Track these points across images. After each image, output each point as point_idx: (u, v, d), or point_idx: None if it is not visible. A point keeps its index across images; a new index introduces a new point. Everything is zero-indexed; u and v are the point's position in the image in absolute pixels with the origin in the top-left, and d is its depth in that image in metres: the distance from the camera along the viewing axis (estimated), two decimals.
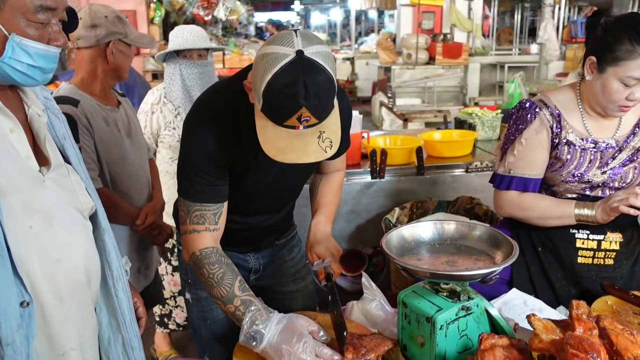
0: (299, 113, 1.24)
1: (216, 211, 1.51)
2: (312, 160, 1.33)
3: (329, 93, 1.27)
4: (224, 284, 1.44)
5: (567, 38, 9.51)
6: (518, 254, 1.27)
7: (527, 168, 1.74)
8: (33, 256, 1.09)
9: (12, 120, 1.11)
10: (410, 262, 1.32)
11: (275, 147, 1.31)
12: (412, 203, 2.77)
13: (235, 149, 1.45)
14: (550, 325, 1.16)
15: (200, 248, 1.49)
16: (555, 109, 1.70)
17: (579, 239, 1.76)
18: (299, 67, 1.22)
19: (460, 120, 3.55)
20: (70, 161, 1.24)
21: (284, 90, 1.22)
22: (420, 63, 8.35)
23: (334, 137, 1.34)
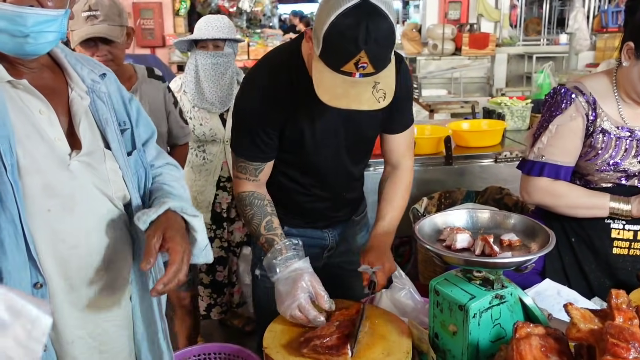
0: (358, 57, 1.26)
1: (257, 167, 1.62)
2: (364, 108, 1.35)
3: (388, 41, 1.29)
4: (253, 223, 1.61)
5: (598, 28, 9.27)
6: (554, 243, 1.24)
7: (559, 155, 1.70)
8: (48, 239, 1.08)
9: (42, 102, 1.10)
10: (445, 249, 1.30)
11: (329, 92, 1.33)
12: (440, 193, 2.74)
13: (288, 110, 1.48)
14: (589, 315, 1.13)
15: (239, 191, 1.65)
16: (591, 96, 1.66)
17: (614, 229, 1.72)
18: (363, 11, 1.24)
19: (488, 110, 3.50)
20: (111, 147, 1.21)
21: (345, 31, 1.24)
22: (446, 54, 8.26)
23: (388, 90, 1.35)
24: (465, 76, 7.94)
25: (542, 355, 1.10)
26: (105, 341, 1.23)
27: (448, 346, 1.31)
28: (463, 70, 7.91)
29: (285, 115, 1.53)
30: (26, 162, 1.05)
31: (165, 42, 7.27)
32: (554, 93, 1.74)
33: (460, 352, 1.28)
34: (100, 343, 1.23)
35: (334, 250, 1.87)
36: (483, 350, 1.27)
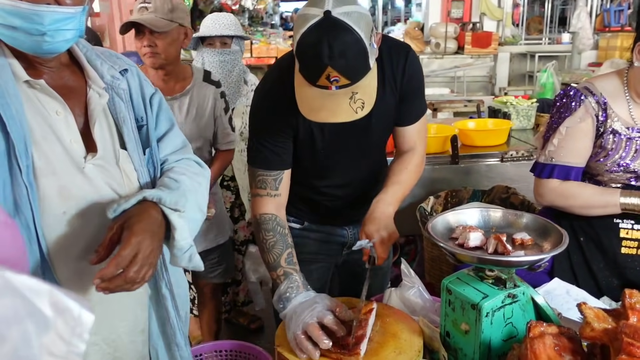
0: (327, 73, 1.27)
1: (276, 177, 1.58)
2: (341, 121, 1.35)
3: (357, 53, 1.28)
4: (273, 252, 1.53)
5: (600, 27, 9.28)
6: (568, 242, 1.25)
7: (569, 156, 1.71)
8: (63, 242, 1.07)
9: (59, 103, 1.08)
10: (458, 247, 1.30)
11: (308, 106, 1.35)
12: (446, 192, 2.75)
13: (298, 114, 1.45)
14: (602, 314, 1.13)
15: (260, 212, 1.58)
16: (602, 97, 1.66)
17: (622, 229, 1.72)
18: (324, 27, 1.25)
19: (494, 109, 3.50)
20: (127, 146, 1.19)
21: (309, 49, 1.27)
22: (449, 52, 8.26)
23: (367, 99, 1.35)
24: (468, 75, 7.95)
25: (556, 355, 1.10)
26: (119, 347, 1.21)
27: (460, 345, 1.32)
28: (466, 69, 7.92)
29: (296, 120, 1.53)
30: (41, 164, 1.04)
31: None
32: (563, 94, 1.74)
33: (472, 351, 1.28)
34: (115, 349, 1.21)
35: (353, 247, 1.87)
36: (495, 349, 1.27)
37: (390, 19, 15.12)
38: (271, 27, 11.11)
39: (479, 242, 1.31)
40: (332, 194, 1.72)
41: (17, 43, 1.01)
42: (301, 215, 1.78)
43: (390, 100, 1.59)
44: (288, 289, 1.45)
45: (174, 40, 2.18)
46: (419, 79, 1.64)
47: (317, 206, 1.75)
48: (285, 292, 1.45)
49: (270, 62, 7.92)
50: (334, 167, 1.67)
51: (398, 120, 1.67)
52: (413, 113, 1.67)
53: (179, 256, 1.15)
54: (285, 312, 1.42)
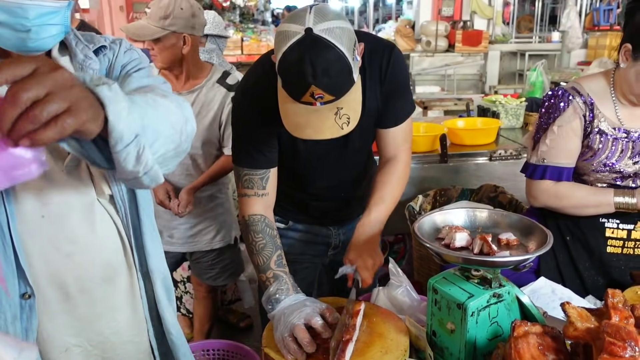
0: (310, 91, 1.25)
1: (263, 175, 1.56)
2: (327, 137, 1.35)
3: (341, 70, 1.26)
4: (263, 254, 1.52)
5: (590, 26, 9.32)
6: (552, 242, 1.26)
7: (560, 157, 1.72)
8: (42, 247, 1.04)
9: None
10: (444, 247, 1.31)
11: (293, 122, 1.34)
12: (435, 191, 2.76)
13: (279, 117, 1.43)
14: (585, 314, 1.15)
15: (249, 214, 1.56)
16: (588, 97, 1.68)
17: (608, 228, 1.74)
18: (306, 46, 1.23)
19: (483, 108, 3.51)
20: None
21: (292, 68, 1.25)
22: (440, 50, 8.27)
23: (353, 114, 1.34)
24: (458, 73, 7.96)
25: (539, 354, 1.11)
26: (108, 349, 1.19)
27: (446, 344, 1.33)
28: (456, 67, 7.94)
29: (279, 122, 1.49)
30: None
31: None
32: (552, 94, 1.75)
33: (457, 350, 1.29)
34: (103, 351, 1.19)
35: (339, 249, 1.86)
36: (480, 348, 1.28)
37: (382, 17, 15.12)
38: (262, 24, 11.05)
39: (464, 243, 1.31)
40: (316, 194, 1.72)
41: (1, 41, 0.95)
42: (286, 215, 1.77)
43: (373, 103, 1.56)
44: (278, 290, 1.45)
45: (168, 47, 2.21)
46: (403, 79, 1.60)
47: (302, 205, 1.75)
48: (275, 294, 1.44)
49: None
50: (318, 169, 1.66)
51: (380, 122, 1.62)
52: (395, 115, 1.62)
53: (120, 152, 0.84)
54: (273, 313, 1.41)
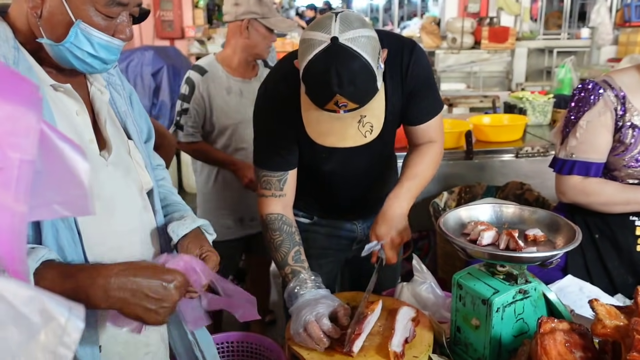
0: (335, 99, 1.26)
1: (281, 177, 1.57)
2: (350, 145, 1.36)
3: (366, 79, 1.27)
4: (281, 251, 1.54)
5: (620, 22, 9.10)
6: (581, 238, 1.24)
7: (589, 152, 1.69)
8: (97, 243, 1.09)
9: (78, 103, 1.10)
10: (469, 243, 1.30)
11: (316, 130, 1.36)
12: (460, 188, 2.74)
13: (299, 121, 1.43)
14: (614, 311, 1.13)
15: (267, 213, 1.58)
16: (620, 91, 1.64)
17: (639, 227, 1.70)
18: (332, 55, 1.23)
19: (510, 105, 3.47)
20: (132, 138, 1.23)
21: (318, 77, 1.26)
22: (466, 47, 8.17)
23: (376, 122, 1.35)
24: (485, 70, 7.86)
25: (566, 351, 1.10)
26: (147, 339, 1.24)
27: (470, 340, 1.32)
28: (482, 64, 7.83)
29: (299, 124, 1.48)
30: None
31: (184, 34, 7.30)
32: (582, 88, 1.72)
33: (482, 346, 1.28)
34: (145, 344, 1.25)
35: (363, 243, 1.85)
36: (505, 345, 1.27)
37: (407, 14, 15.03)
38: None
39: (491, 240, 1.30)
40: (340, 191, 1.72)
41: (84, 67, 1.07)
42: (310, 210, 1.78)
43: (397, 102, 1.55)
44: (296, 286, 1.47)
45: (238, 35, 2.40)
46: (427, 76, 1.57)
47: (326, 201, 1.75)
48: (294, 289, 1.47)
49: None
50: (339, 169, 1.66)
51: (407, 119, 1.61)
52: (423, 112, 1.60)
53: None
54: (292, 309, 1.45)
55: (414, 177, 1.59)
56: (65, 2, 1.00)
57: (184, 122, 2.40)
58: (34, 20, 1.02)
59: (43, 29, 1.02)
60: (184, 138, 2.40)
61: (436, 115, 1.62)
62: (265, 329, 3.00)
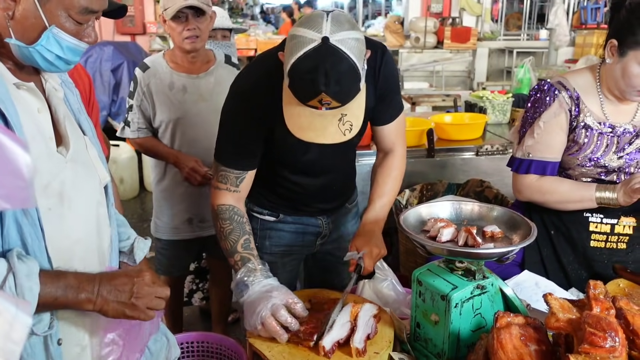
0: (320, 97, 1.28)
1: (239, 176, 1.59)
2: (329, 142, 1.38)
3: (351, 80, 1.30)
4: (230, 239, 1.56)
5: (577, 24, 9.37)
6: (536, 235, 1.27)
7: (545, 151, 1.73)
8: (58, 238, 1.09)
9: (39, 100, 1.10)
10: (429, 239, 1.32)
11: (297, 124, 1.37)
12: (422, 185, 2.77)
13: (274, 115, 1.45)
14: (567, 305, 1.16)
15: (218, 204, 1.60)
16: (574, 92, 1.69)
17: (592, 223, 1.75)
18: (322, 55, 1.26)
19: (470, 104, 3.53)
20: (87, 134, 1.23)
21: (305, 75, 1.27)
22: (429, 47, 8.27)
23: (355, 121, 1.38)
24: (447, 69, 7.96)
25: (521, 344, 1.12)
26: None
27: (429, 335, 1.33)
28: (445, 64, 7.94)
29: (273, 122, 1.51)
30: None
31: (145, 30, 7.17)
32: (538, 89, 1.75)
33: (441, 341, 1.30)
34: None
35: (327, 238, 1.88)
36: (464, 340, 1.29)
37: (371, 13, 15.10)
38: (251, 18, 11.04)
39: (450, 237, 1.32)
40: (306, 185, 1.73)
41: (48, 67, 1.09)
42: (276, 208, 1.78)
43: (368, 102, 1.55)
44: (245, 275, 1.47)
45: (209, 24, 2.33)
46: (395, 78, 1.66)
47: (291, 197, 1.76)
48: (243, 278, 1.47)
49: (250, 54, 7.86)
50: (309, 164, 1.67)
51: (376, 120, 1.69)
52: (390, 112, 1.69)
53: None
54: (242, 300, 1.44)
55: (385, 195, 1.72)
56: (40, 7, 1.02)
57: (131, 118, 2.39)
58: (3, 21, 1.02)
59: (13, 30, 1.03)
60: (131, 134, 2.39)
61: (399, 115, 1.71)
62: (228, 328, 2.98)
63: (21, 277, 0.96)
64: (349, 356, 1.29)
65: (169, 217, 2.48)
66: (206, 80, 2.39)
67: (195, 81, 2.38)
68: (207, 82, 2.38)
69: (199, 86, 2.38)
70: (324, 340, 1.29)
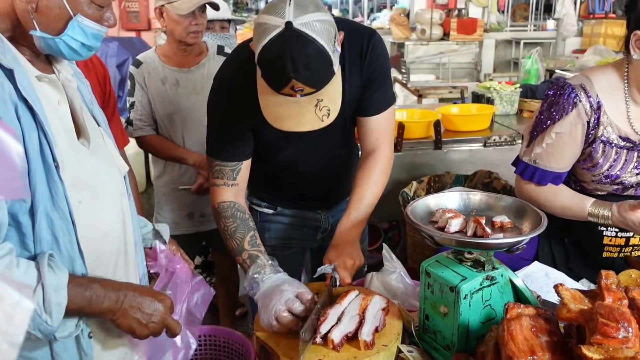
0: (291, 84, 1.25)
1: (234, 167, 1.56)
2: (307, 129, 1.35)
3: (321, 64, 1.26)
4: (235, 237, 1.52)
5: (585, 14, 9.32)
6: (546, 224, 1.25)
7: (553, 162, 1.63)
8: (88, 231, 1.09)
9: (59, 92, 1.10)
10: (437, 230, 1.30)
11: (273, 114, 1.34)
12: (429, 177, 2.75)
13: (258, 107, 1.42)
14: (578, 295, 1.14)
15: (218, 201, 1.57)
16: (597, 98, 1.56)
17: (606, 237, 1.68)
18: (286, 40, 1.22)
19: (477, 95, 3.50)
20: (101, 125, 1.23)
21: (273, 63, 1.24)
22: (434, 39, 8.23)
23: (332, 105, 1.34)
24: (453, 61, 7.92)
25: (532, 335, 1.10)
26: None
27: (438, 327, 1.32)
28: (451, 56, 7.90)
29: (257, 111, 1.45)
30: (60, 157, 1.04)
31: (150, 25, 7.16)
32: (557, 89, 1.62)
33: (450, 333, 1.28)
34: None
35: (327, 232, 1.85)
36: (473, 331, 1.28)
37: (376, 5, 15.03)
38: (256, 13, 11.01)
39: (459, 228, 1.30)
40: (302, 180, 1.71)
41: (72, 55, 1.09)
42: (274, 201, 1.77)
43: (354, 91, 1.54)
44: (256, 272, 1.44)
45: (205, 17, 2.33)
46: (383, 65, 1.57)
47: (288, 189, 1.74)
48: (254, 276, 1.43)
49: None
50: (301, 157, 1.65)
51: (361, 109, 1.60)
52: (376, 102, 1.58)
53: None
54: (256, 298, 1.41)
55: (361, 200, 1.60)
56: None
57: (133, 116, 2.37)
58: (26, 14, 1.01)
59: (37, 22, 1.02)
60: (134, 133, 2.37)
61: (388, 108, 1.61)
62: (235, 322, 2.98)
63: (50, 291, 0.96)
64: (357, 349, 1.28)
65: (170, 212, 2.48)
66: (198, 73, 2.38)
67: (188, 75, 2.37)
68: (200, 75, 2.37)
69: (192, 79, 2.36)
70: (333, 333, 1.28)
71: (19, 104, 0.96)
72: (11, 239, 0.98)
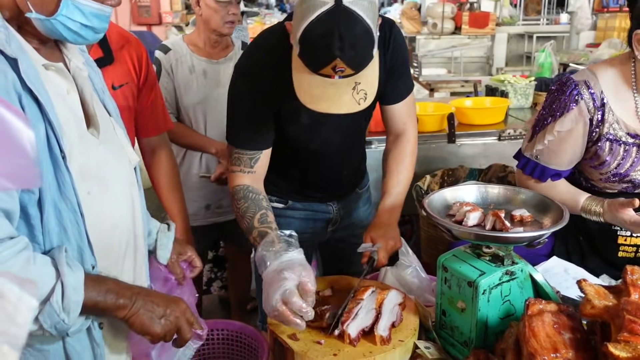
0: (334, 64, 1.22)
1: (253, 156, 1.56)
2: (344, 112, 1.32)
3: (366, 44, 1.24)
4: (246, 217, 1.51)
5: (599, 7, 9.17)
6: (568, 218, 1.21)
7: (554, 159, 1.61)
8: (94, 221, 1.08)
9: (68, 81, 1.08)
10: (455, 224, 1.27)
11: (308, 94, 1.31)
12: (443, 171, 2.72)
13: (281, 90, 1.41)
14: (603, 291, 1.11)
15: (234, 185, 1.57)
16: (601, 95, 1.52)
17: (621, 236, 1.65)
18: (335, 17, 1.19)
19: (491, 88, 3.45)
20: (112, 114, 1.21)
21: (319, 40, 1.21)
22: (446, 33, 8.17)
23: (370, 89, 1.32)
24: (465, 55, 7.86)
25: (554, 332, 1.07)
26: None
27: (456, 323, 1.29)
28: (463, 50, 7.83)
29: (280, 100, 1.47)
30: (69, 147, 1.03)
31: (161, 20, 7.16)
32: (560, 85, 1.59)
33: (468, 329, 1.26)
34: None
35: (338, 224, 1.84)
36: (492, 327, 1.25)
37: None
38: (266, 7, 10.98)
39: (477, 221, 1.27)
40: (315, 167, 1.70)
41: (75, 38, 1.05)
42: (284, 195, 1.75)
43: (380, 76, 1.51)
44: (264, 249, 1.38)
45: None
46: (404, 54, 1.60)
47: (299, 182, 1.73)
48: (262, 253, 1.37)
49: None
50: (319, 142, 1.63)
51: (385, 98, 1.63)
52: (400, 90, 1.63)
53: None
54: (264, 275, 1.36)
55: (400, 183, 1.65)
56: None
57: None
58: None
59: (32, 4, 0.99)
60: None
61: (409, 94, 1.65)
62: (247, 316, 2.97)
63: (69, 290, 0.95)
64: (373, 344, 1.25)
65: (187, 203, 2.46)
66: (225, 66, 2.39)
67: (215, 66, 2.38)
68: (226, 68, 2.38)
69: (218, 71, 2.37)
70: (349, 327, 1.25)
71: (23, 94, 0.94)
72: (20, 231, 0.97)
